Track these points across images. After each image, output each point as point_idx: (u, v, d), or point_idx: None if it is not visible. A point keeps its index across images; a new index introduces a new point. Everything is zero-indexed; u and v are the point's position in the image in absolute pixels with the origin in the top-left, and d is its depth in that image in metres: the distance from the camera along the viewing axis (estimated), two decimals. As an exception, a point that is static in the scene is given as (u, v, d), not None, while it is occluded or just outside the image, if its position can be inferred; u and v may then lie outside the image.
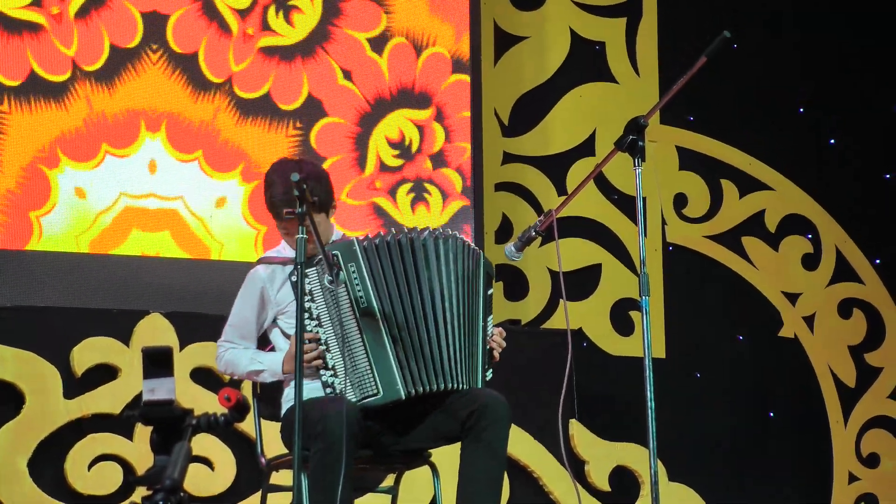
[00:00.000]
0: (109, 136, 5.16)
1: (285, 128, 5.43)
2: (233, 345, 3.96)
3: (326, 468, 3.58)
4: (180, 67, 5.28)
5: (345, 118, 5.56)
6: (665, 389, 4.67)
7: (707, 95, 6.29)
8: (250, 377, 3.96)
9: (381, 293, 3.80)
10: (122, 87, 5.20)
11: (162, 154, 5.23)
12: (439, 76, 5.75)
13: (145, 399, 2.48)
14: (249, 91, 5.39)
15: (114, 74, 5.19)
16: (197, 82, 5.30)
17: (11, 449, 4.77)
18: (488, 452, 3.76)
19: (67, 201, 5.08)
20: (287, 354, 3.86)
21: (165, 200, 5.24)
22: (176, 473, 2.30)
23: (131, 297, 5.11)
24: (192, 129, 5.28)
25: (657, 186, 6.17)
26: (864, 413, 6.47)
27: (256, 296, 3.93)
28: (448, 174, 5.73)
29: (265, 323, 3.97)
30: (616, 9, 6.35)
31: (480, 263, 3.94)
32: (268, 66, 5.43)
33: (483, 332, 3.91)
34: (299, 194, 3.54)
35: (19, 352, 4.84)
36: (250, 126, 5.37)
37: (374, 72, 5.61)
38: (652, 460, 3.66)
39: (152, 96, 5.23)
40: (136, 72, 5.23)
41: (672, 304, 6.22)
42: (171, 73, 5.27)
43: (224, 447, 5.00)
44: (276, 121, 5.42)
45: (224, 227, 5.29)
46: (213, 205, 5.29)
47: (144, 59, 5.23)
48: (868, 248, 6.62)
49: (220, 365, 4.00)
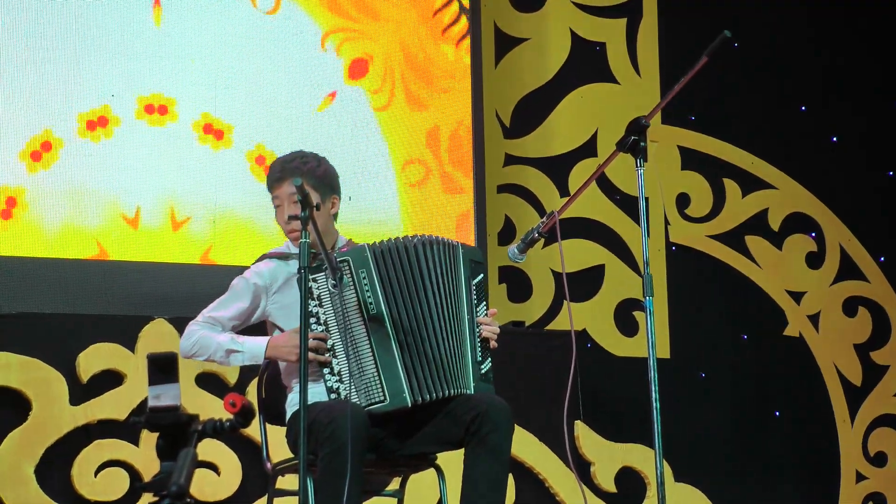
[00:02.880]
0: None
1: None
2: (211, 325, 3.89)
3: (335, 471, 3.58)
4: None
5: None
6: (670, 390, 4.69)
7: (708, 95, 6.29)
8: (223, 359, 3.84)
9: (389, 299, 3.80)
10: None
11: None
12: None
13: (151, 405, 2.48)
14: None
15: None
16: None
17: (18, 455, 4.78)
18: (491, 456, 3.75)
19: (72, 207, 5.10)
20: (273, 340, 3.82)
21: (173, 206, 5.25)
22: (182, 479, 2.30)
23: (136, 303, 5.12)
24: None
25: (659, 186, 6.17)
26: (870, 412, 6.46)
27: (251, 290, 3.91)
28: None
29: (253, 319, 3.94)
30: (616, 9, 6.35)
31: (459, 257, 3.89)
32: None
33: (470, 326, 3.86)
34: (302, 199, 3.54)
35: (25, 359, 4.85)
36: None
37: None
38: (658, 461, 3.66)
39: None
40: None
41: (676, 304, 6.22)
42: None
43: (230, 452, 5.00)
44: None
45: (229, 232, 5.31)
46: (219, 209, 5.30)
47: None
48: (872, 245, 6.62)
49: (185, 344, 3.87)
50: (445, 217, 5.70)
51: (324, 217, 3.87)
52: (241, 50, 5.45)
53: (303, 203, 3.55)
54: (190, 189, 5.30)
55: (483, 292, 3.93)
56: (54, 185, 5.11)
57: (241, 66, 5.44)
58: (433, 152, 5.76)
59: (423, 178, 5.72)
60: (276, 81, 5.49)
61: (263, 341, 3.84)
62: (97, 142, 5.20)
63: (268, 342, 3.83)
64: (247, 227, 5.35)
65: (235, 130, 5.40)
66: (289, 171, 3.88)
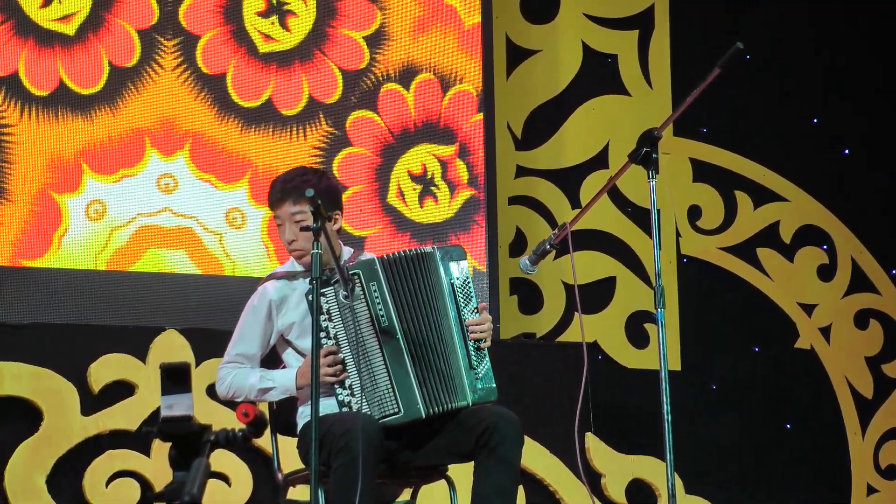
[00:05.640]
0: (123, 154, 5.20)
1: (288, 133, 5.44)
2: (238, 365, 3.93)
3: (349, 483, 3.58)
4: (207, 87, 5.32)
5: (367, 148, 5.58)
6: (681, 402, 4.68)
7: (720, 107, 6.29)
8: (259, 397, 3.90)
9: (400, 312, 3.80)
10: (130, 105, 5.24)
11: (181, 171, 5.26)
12: (465, 113, 5.75)
13: (163, 415, 2.48)
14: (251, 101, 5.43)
15: (116, 94, 5.23)
16: (224, 103, 5.35)
17: (30, 466, 4.79)
18: (502, 467, 3.75)
19: (84, 219, 5.11)
20: (301, 369, 3.86)
21: (181, 217, 5.26)
22: (194, 489, 2.30)
23: (147, 313, 5.13)
24: (211, 146, 5.31)
25: (671, 198, 6.17)
26: (882, 424, 6.45)
27: (264, 312, 3.92)
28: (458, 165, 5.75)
29: (271, 340, 3.97)
30: (628, 21, 6.35)
31: (434, 262, 3.83)
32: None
33: (459, 333, 3.81)
34: (314, 210, 3.55)
35: (37, 369, 4.86)
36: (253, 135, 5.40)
37: (399, 105, 5.63)
38: (669, 473, 3.65)
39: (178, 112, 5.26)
40: (146, 89, 5.26)
41: (687, 316, 6.22)
42: (196, 93, 5.30)
43: (241, 463, 5.01)
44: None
45: (239, 243, 5.32)
46: (227, 221, 5.31)
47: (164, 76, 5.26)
48: (884, 258, 6.60)
49: (221, 388, 3.94)
50: (450, 208, 5.70)
51: (328, 231, 3.88)
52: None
53: (315, 214, 3.55)
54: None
55: (469, 290, 3.87)
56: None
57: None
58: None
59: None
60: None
61: (292, 373, 3.87)
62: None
63: (296, 373, 3.85)
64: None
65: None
66: (289, 191, 3.87)
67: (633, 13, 6.36)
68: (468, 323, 3.84)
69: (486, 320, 3.86)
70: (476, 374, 3.83)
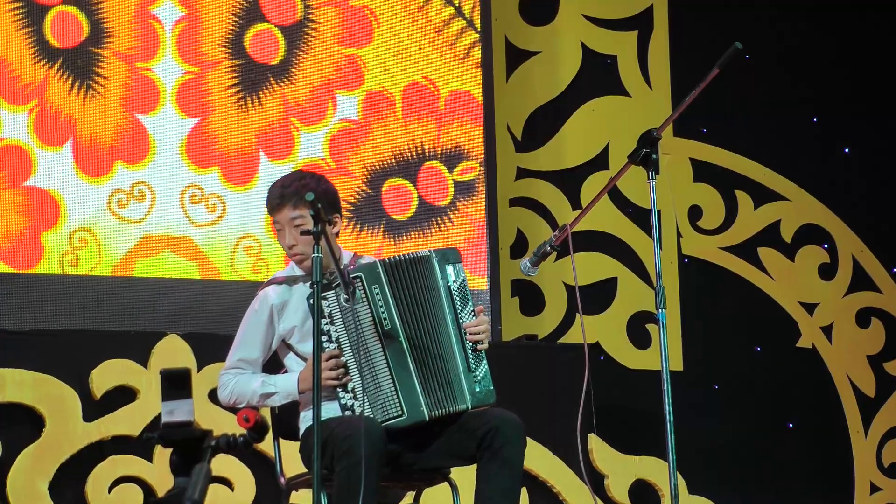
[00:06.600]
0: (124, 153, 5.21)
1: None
2: (240, 371, 3.92)
3: (352, 486, 3.58)
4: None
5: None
6: (683, 402, 4.67)
7: (720, 107, 6.29)
8: (261, 402, 3.90)
9: (403, 314, 3.79)
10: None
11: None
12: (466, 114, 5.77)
13: (164, 421, 2.48)
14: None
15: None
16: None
17: (32, 472, 4.78)
18: (505, 469, 3.75)
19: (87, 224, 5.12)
20: (302, 373, 3.85)
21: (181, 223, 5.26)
22: (196, 494, 2.31)
23: (149, 319, 5.13)
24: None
25: (671, 199, 6.17)
26: (884, 423, 6.44)
27: (265, 317, 3.92)
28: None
29: (272, 345, 3.96)
30: (627, 22, 6.36)
31: (432, 265, 3.84)
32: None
33: (457, 336, 3.82)
34: (314, 213, 3.54)
35: (38, 375, 4.86)
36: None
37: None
38: (672, 473, 3.65)
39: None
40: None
41: (688, 316, 6.22)
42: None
43: (243, 467, 5.00)
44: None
45: (241, 249, 5.32)
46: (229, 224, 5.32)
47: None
48: (885, 256, 6.60)
49: (224, 394, 3.92)
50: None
51: (328, 235, 3.87)
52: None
53: (315, 218, 3.55)
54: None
55: (466, 292, 3.88)
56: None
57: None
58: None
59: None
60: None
61: (294, 377, 3.86)
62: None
63: (298, 377, 3.85)
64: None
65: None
66: (288, 195, 3.86)
67: (632, 14, 6.36)
68: (465, 325, 3.84)
69: (483, 322, 3.87)
70: (474, 377, 3.84)
